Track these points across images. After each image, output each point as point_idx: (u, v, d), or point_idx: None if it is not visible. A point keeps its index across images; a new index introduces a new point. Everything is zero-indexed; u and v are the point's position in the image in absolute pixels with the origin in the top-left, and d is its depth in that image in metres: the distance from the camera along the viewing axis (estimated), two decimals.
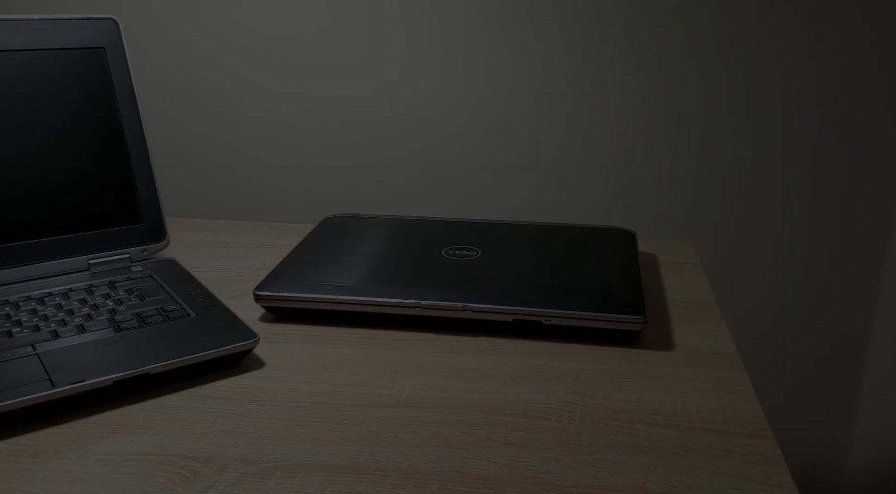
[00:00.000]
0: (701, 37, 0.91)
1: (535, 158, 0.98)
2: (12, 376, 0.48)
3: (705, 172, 0.97)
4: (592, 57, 0.93)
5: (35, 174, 0.62)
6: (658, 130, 0.95)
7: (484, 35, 0.93)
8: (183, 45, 0.96)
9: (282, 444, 0.46)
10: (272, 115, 0.99)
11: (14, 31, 0.61)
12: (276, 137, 1.00)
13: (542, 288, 0.62)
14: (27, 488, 0.42)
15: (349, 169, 1.01)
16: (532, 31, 0.92)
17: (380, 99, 0.97)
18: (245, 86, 0.98)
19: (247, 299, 0.67)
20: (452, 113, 0.97)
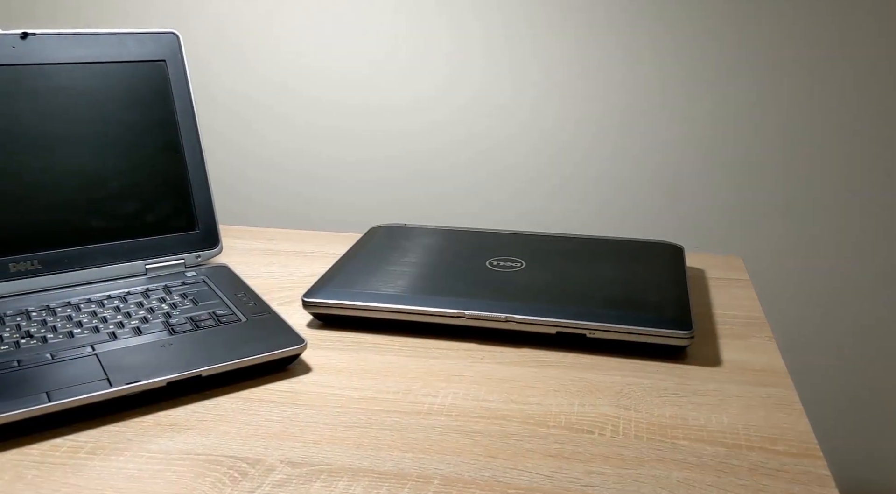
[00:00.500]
0: (752, 50, 0.90)
1: (582, 171, 0.98)
2: (73, 375, 0.50)
3: (756, 187, 0.95)
4: (642, 69, 0.92)
5: (98, 182, 0.65)
6: (709, 145, 0.94)
7: (530, 47, 0.94)
8: (238, 61, 0.99)
9: (327, 448, 0.47)
10: (323, 129, 1.01)
11: (83, 44, 0.65)
12: (325, 149, 1.02)
13: (586, 301, 0.62)
14: (85, 483, 0.43)
15: (395, 180, 1.03)
16: (580, 42, 0.92)
17: (427, 112, 0.99)
18: (298, 100, 1.00)
19: (295, 305, 0.69)
20: (499, 125, 0.98)
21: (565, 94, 0.95)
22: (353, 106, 1.00)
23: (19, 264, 0.62)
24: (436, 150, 1.01)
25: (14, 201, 0.61)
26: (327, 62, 0.98)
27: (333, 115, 1.01)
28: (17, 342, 0.54)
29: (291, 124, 1.02)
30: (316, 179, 1.04)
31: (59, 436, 0.47)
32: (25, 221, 0.62)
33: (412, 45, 0.96)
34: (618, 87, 0.94)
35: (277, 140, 1.03)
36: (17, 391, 0.48)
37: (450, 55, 0.96)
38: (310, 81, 0.99)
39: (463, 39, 0.95)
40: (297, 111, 1.01)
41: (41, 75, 0.63)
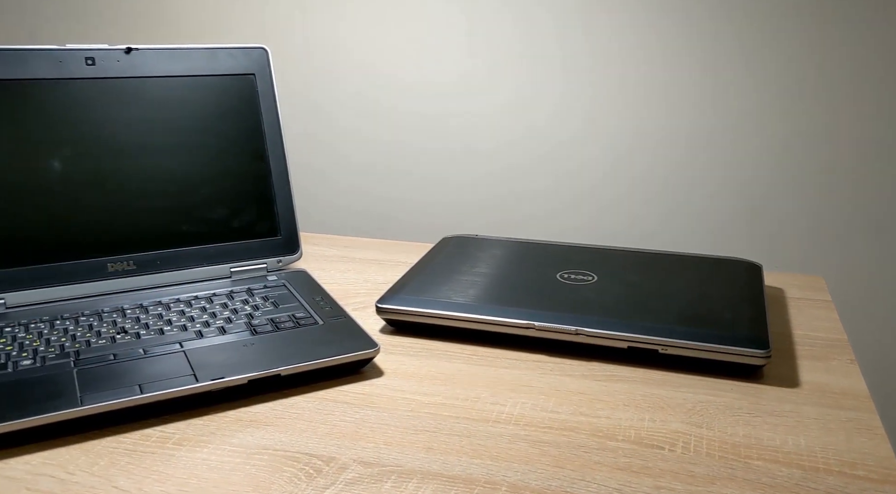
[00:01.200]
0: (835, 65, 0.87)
1: (660, 188, 0.97)
2: (162, 370, 0.54)
3: (840, 205, 0.92)
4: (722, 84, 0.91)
5: (190, 189, 0.69)
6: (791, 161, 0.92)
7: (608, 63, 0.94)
8: (325, 74, 1.03)
9: (397, 450, 0.49)
10: (399, 142, 1.04)
11: (180, 58, 0.69)
12: (402, 161, 1.05)
13: (659, 316, 0.61)
14: (172, 471, 0.46)
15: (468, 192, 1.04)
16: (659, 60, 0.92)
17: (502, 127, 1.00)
18: (376, 114, 1.03)
19: (369, 311, 0.71)
20: (575, 141, 0.98)
21: (643, 110, 0.95)
22: (429, 120, 1.02)
23: (116, 264, 0.66)
24: (509, 164, 1.01)
25: (114, 205, 0.66)
26: (404, 77, 1.01)
27: (409, 128, 1.03)
28: (113, 337, 0.58)
29: (369, 137, 1.05)
30: (391, 189, 1.07)
31: (149, 427, 0.51)
32: (123, 224, 0.66)
33: (489, 61, 0.98)
34: (699, 102, 0.93)
35: (355, 152, 1.06)
36: (113, 383, 0.51)
37: (525, 71, 0.97)
38: (388, 96, 1.02)
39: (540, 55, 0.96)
40: (374, 124, 1.04)
41: (142, 87, 0.67)
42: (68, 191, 0.64)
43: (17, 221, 0.62)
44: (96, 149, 0.65)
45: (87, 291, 0.65)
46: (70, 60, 0.64)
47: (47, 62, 0.64)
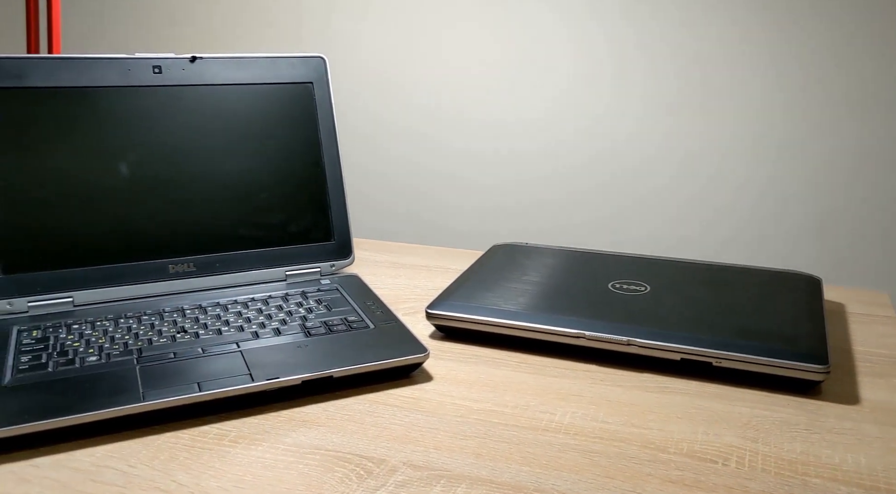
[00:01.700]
0: None
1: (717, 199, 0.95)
2: (220, 368, 0.55)
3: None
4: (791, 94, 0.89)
5: (249, 193, 0.71)
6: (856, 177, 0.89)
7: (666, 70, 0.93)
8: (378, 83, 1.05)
9: (446, 454, 0.49)
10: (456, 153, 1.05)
11: (241, 67, 0.71)
12: (454, 170, 1.05)
13: (714, 329, 0.60)
14: (228, 468, 0.47)
15: (519, 200, 1.04)
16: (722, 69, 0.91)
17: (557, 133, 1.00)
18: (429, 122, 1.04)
19: (419, 316, 0.71)
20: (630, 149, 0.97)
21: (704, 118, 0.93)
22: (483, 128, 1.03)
23: (178, 265, 0.68)
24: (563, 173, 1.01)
25: (176, 208, 0.68)
26: (457, 85, 1.02)
27: (463, 137, 1.04)
28: (173, 336, 0.60)
29: (421, 146, 1.06)
30: (442, 197, 1.07)
31: (207, 424, 0.52)
32: (185, 227, 0.68)
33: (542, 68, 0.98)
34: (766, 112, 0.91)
35: (408, 160, 1.07)
36: (173, 381, 0.53)
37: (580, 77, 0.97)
38: (441, 103, 1.03)
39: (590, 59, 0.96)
40: (427, 133, 1.05)
41: (205, 95, 0.69)
42: (134, 195, 0.67)
43: (86, 223, 0.65)
44: (161, 154, 0.68)
45: (150, 291, 0.67)
46: (138, 68, 0.67)
47: (116, 70, 0.66)
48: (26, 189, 0.63)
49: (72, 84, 0.65)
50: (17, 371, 0.54)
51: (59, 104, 0.64)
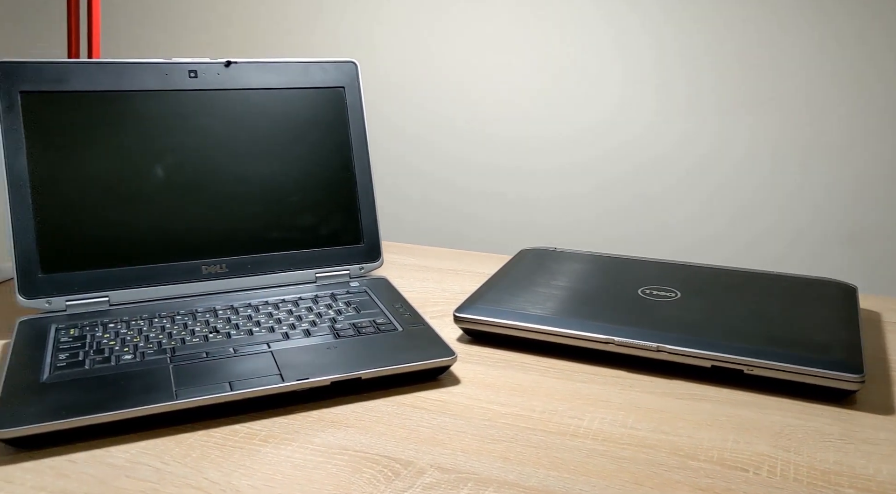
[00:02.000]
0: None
1: (751, 205, 0.94)
2: (251, 368, 0.56)
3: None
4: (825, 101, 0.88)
5: (280, 196, 0.72)
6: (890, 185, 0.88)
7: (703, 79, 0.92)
8: (409, 88, 1.06)
9: (474, 457, 0.49)
10: (484, 157, 1.05)
11: (275, 72, 0.72)
12: (483, 175, 1.06)
13: (746, 336, 0.60)
14: (258, 467, 0.48)
15: (547, 205, 1.04)
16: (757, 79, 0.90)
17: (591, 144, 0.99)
18: (457, 129, 1.05)
19: (446, 319, 0.72)
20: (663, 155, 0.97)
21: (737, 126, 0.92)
22: (511, 135, 1.03)
23: (210, 267, 0.69)
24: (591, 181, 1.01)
25: (210, 210, 0.69)
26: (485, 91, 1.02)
27: (493, 144, 1.04)
28: (206, 336, 0.61)
29: (449, 151, 1.06)
30: (470, 201, 1.08)
31: (237, 423, 0.53)
32: (218, 229, 0.70)
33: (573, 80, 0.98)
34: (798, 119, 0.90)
35: (440, 166, 1.08)
36: (205, 380, 0.54)
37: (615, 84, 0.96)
38: (469, 111, 1.03)
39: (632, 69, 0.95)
40: (455, 138, 1.05)
41: (239, 99, 0.71)
42: (169, 196, 0.68)
43: (123, 224, 0.66)
44: (196, 157, 0.69)
45: (183, 291, 0.68)
46: (175, 73, 0.69)
47: (154, 74, 0.68)
48: (66, 191, 0.65)
49: (111, 88, 0.67)
50: (55, 369, 0.55)
51: (99, 108, 0.66)
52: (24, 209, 0.64)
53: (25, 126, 0.64)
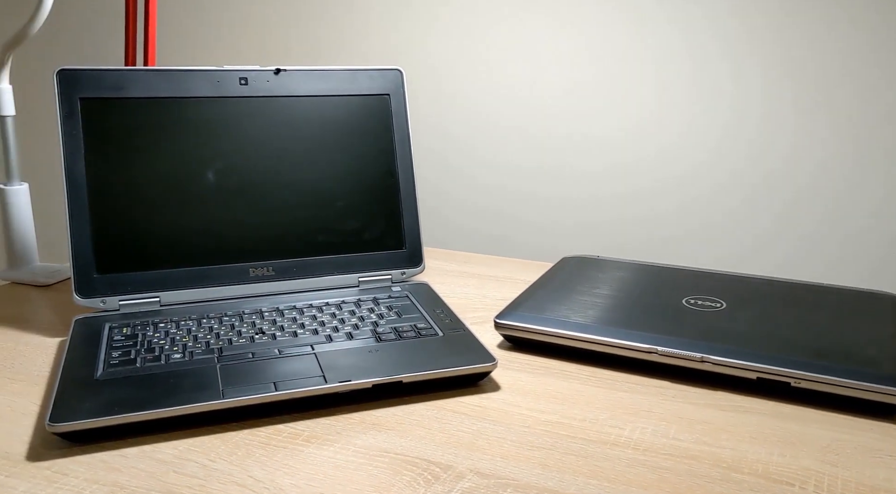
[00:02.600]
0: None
1: (800, 216, 0.92)
2: (295, 369, 0.57)
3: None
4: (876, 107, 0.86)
5: (326, 201, 0.73)
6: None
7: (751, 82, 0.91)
8: (451, 94, 1.06)
9: (513, 463, 0.49)
10: (527, 164, 1.05)
11: (322, 79, 0.74)
12: (525, 181, 1.06)
13: (793, 348, 0.59)
14: (300, 466, 0.49)
15: (590, 213, 1.03)
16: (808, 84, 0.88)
17: (628, 148, 0.99)
18: (499, 134, 1.05)
19: (487, 325, 0.72)
20: (707, 164, 0.95)
21: (784, 134, 0.91)
22: (554, 140, 1.03)
23: (257, 269, 0.71)
24: (633, 187, 1.00)
25: (258, 214, 0.71)
26: (528, 97, 1.02)
27: (533, 149, 1.04)
28: (252, 337, 0.62)
29: (492, 157, 1.06)
30: (511, 207, 1.08)
31: (281, 423, 0.54)
32: (265, 232, 0.71)
33: (615, 81, 0.97)
34: (849, 126, 0.88)
35: (479, 171, 1.08)
36: (251, 380, 0.55)
37: (655, 92, 0.95)
38: (511, 115, 1.04)
39: (670, 74, 0.94)
40: (497, 144, 1.06)
41: (288, 105, 0.72)
42: (219, 201, 0.70)
43: (175, 227, 0.69)
44: (245, 162, 0.71)
45: (231, 293, 0.70)
46: (226, 80, 0.71)
47: (206, 82, 0.70)
48: (121, 194, 0.67)
49: (165, 95, 0.69)
50: (109, 366, 0.57)
51: (154, 113, 0.68)
52: (81, 212, 0.66)
53: (84, 131, 0.67)
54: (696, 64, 0.92)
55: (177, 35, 1.20)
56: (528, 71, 1.01)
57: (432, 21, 1.04)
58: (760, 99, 0.90)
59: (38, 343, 0.66)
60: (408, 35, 1.06)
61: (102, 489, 0.46)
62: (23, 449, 0.50)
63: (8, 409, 0.55)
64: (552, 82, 1.00)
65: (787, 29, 0.87)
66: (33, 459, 0.49)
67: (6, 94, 0.79)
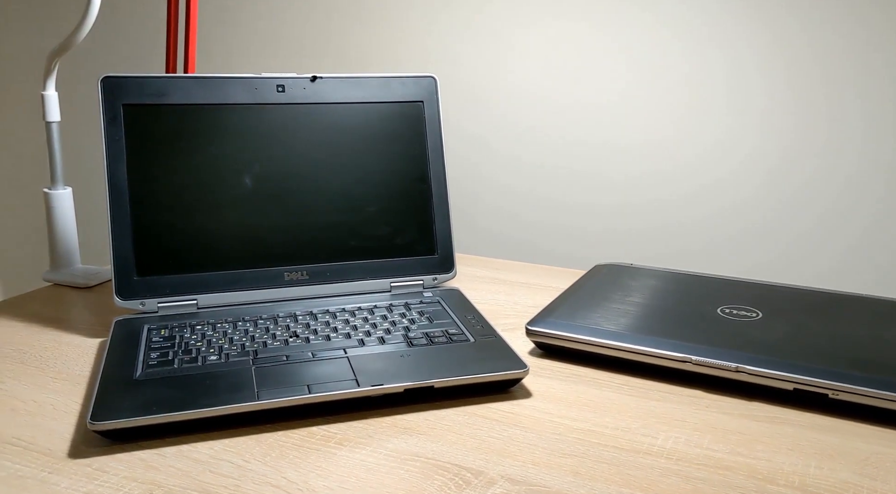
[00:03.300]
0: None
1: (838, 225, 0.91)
2: (328, 373, 0.58)
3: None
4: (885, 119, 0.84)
5: (359, 207, 0.74)
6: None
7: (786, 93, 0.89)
8: (484, 101, 1.07)
9: (545, 470, 0.49)
10: (555, 168, 1.05)
11: (357, 86, 0.74)
12: (557, 189, 1.05)
13: (831, 359, 0.58)
14: (333, 469, 0.49)
15: (623, 221, 1.03)
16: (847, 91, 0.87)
17: (663, 156, 0.98)
18: (532, 141, 1.05)
19: (518, 332, 0.72)
20: (744, 173, 0.94)
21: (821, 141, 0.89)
22: (587, 148, 1.02)
23: (292, 273, 0.72)
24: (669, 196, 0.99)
25: (293, 219, 0.72)
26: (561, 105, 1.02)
27: (565, 155, 1.04)
28: (286, 340, 0.63)
29: (525, 163, 1.07)
30: (543, 214, 1.08)
31: (314, 425, 0.55)
32: (300, 237, 0.72)
33: (647, 89, 0.97)
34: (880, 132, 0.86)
35: (511, 178, 1.08)
36: (285, 382, 0.56)
37: (687, 103, 0.95)
38: (544, 123, 1.04)
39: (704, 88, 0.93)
40: (530, 152, 1.06)
41: (323, 112, 0.73)
42: (255, 205, 0.71)
43: (212, 231, 0.70)
44: (281, 168, 0.72)
45: (266, 297, 0.71)
46: (264, 87, 0.72)
47: (244, 89, 0.71)
48: (161, 199, 0.69)
49: (205, 101, 0.70)
50: (147, 367, 0.58)
51: (194, 120, 0.70)
52: (122, 216, 0.68)
53: (126, 137, 0.68)
54: (729, 73, 0.91)
55: (216, 43, 1.22)
56: (562, 79, 1.01)
57: (467, 29, 1.05)
58: (794, 109, 0.89)
59: (79, 344, 0.68)
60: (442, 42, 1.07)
61: (141, 487, 0.47)
62: (65, 446, 0.51)
63: (51, 407, 0.57)
64: (587, 90, 1.00)
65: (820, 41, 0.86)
66: (75, 456, 0.50)
67: (52, 100, 0.81)
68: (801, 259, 0.93)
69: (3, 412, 0.56)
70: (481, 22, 1.04)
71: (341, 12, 1.12)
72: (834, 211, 0.90)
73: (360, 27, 1.11)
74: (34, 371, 0.62)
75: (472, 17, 1.04)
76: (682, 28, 0.93)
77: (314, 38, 1.15)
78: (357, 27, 1.11)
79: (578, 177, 1.04)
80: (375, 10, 1.10)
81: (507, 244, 1.11)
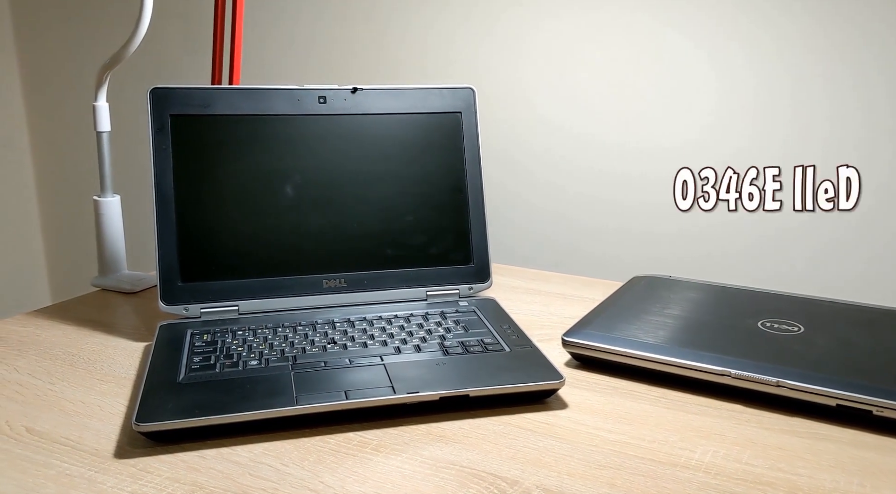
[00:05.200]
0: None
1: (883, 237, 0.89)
2: (365, 379, 0.58)
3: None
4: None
5: (396, 216, 0.75)
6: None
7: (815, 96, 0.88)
8: (523, 112, 1.07)
9: (580, 482, 0.49)
10: (594, 176, 1.04)
11: (395, 97, 0.76)
12: (596, 199, 1.05)
13: (875, 375, 0.56)
14: (369, 475, 0.50)
15: (663, 232, 1.02)
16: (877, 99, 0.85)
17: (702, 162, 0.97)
18: (571, 148, 1.05)
19: (554, 343, 0.72)
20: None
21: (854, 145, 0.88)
22: (629, 157, 1.02)
23: (331, 281, 0.73)
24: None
25: (332, 228, 0.73)
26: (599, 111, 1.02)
27: (604, 164, 1.04)
28: (324, 346, 0.64)
29: (563, 172, 1.06)
30: (581, 224, 1.07)
31: (350, 431, 0.55)
32: (339, 245, 0.73)
33: (684, 95, 0.96)
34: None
35: (549, 187, 1.08)
36: (323, 388, 0.57)
37: (714, 105, 0.94)
38: (584, 129, 1.04)
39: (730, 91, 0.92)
40: (568, 160, 1.06)
41: (364, 123, 0.75)
42: (296, 214, 0.72)
43: (254, 238, 0.71)
44: (321, 177, 0.73)
45: (305, 303, 0.72)
46: (306, 98, 0.73)
47: (287, 100, 0.73)
48: (205, 207, 0.71)
49: (249, 112, 0.72)
50: (190, 370, 0.60)
51: (238, 130, 0.72)
52: (168, 223, 0.70)
53: (173, 146, 0.70)
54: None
55: (260, 55, 1.25)
56: (594, 85, 1.01)
57: (506, 37, 1.05)
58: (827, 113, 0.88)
59: (125, 347, 0.70)
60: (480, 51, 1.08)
61: (183, 487, 0.48)
62: (111, 447, 0.53)
63: (98, 408, 0.58)
64: (618, 96, 1.00)
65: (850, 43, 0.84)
66: (120, 456, 0.52)
67: (103, 111, 0.84)
68: (845, 272, 0.91)
69: (53, 413, 0.58)
70: (522, 31, 1.04)
71: (383, 24, 1.14)
72: (881, 221, 0.88)
73: (403, 38, 1.13)
74: (82, 373, 0.64)
75: (512, 25, 1.05)
76: (710, 37, 0.92)
77: (355, 50, 1.17)
78: (400, 38, 1.13)
79: (618, 186, 1.03)
80: (418, 22, 1.12)
81: (543, 255, 1.11)
